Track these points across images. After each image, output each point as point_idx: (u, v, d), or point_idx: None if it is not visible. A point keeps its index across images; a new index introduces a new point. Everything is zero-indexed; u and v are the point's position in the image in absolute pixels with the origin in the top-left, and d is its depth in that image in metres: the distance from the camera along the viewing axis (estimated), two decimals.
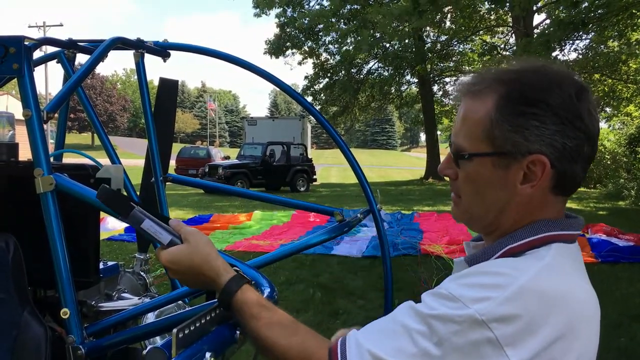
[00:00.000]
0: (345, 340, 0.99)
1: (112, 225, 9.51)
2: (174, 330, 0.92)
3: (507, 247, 1.02)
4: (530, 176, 1.00)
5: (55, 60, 2.17)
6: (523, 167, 1.00)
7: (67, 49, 2.13)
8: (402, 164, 56.33)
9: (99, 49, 1.80)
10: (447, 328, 0.89)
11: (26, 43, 1.46)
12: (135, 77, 2.28)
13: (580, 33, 17.91)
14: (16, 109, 1.45)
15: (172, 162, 23.17)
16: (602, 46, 20.30)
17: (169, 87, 2.39)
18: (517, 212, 1.03)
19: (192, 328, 0.97)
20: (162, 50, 2.24)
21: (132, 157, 42.08)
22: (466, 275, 0.97)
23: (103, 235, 8.58)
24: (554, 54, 17.91)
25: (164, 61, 2.29)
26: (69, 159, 2.63)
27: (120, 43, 1.97)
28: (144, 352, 0.93)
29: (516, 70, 1.04)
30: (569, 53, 20.16)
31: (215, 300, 1.11)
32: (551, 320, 0.89)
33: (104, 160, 2.23)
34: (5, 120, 1.69)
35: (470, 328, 0.88)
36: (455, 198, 1.11)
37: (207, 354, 0.95)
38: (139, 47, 2.15)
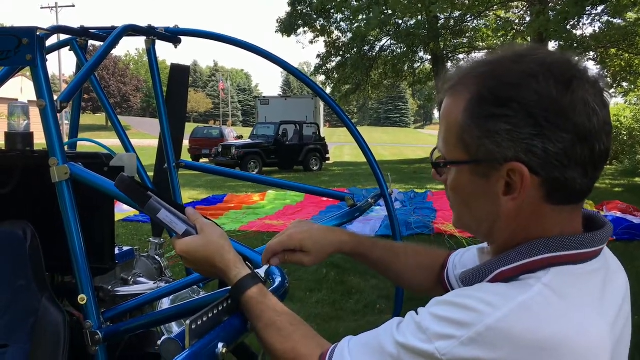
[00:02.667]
0: (334, 349, 0.96)
1: (127, 207, 9.59)
2: (187, 322, 0.94)
3: (498, 270, 0.90)
4: (512, 186, 0.87)
5: (68, 47, 2.19)
6: (503, 176, 0.87)
7: (79, 37, 2.15)
8: (416, 142, 56.10)
9: (110, 38, 1.81)
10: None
11: (39, 33, 1.47)
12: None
13: (597, 7, 17.55)
14: (30, 90, 1.48)
15: (186, 142, 23.26)
16: (618, 19, 19.90)
17: (180, 73, 2.41)
18: (508, 227, 0.91)
19: (204, 319, 1.00)
20: (173, 36, 2.24)
21: (146, 137, 42.39)
22: (442, 303, 0.87)
23: (119, 216, 8.68)
24: (568, 27, 17.62)
25: (175, 47, 2.29)
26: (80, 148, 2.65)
27: (131, 30, 1.99)
28: (159, 342, 0.96)
29: (492, 61, 0.91)
30: (585, 28, 19.75)
31: (229, 287, 1.14)
32: None
33: (116, 142, 2.26)
34: (20, 110, 1.71)
35: None
36: (450, 205, 1.01)
37: (220, 344, 0.98)
38: (150, 33, 2.16)
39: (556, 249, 0.87)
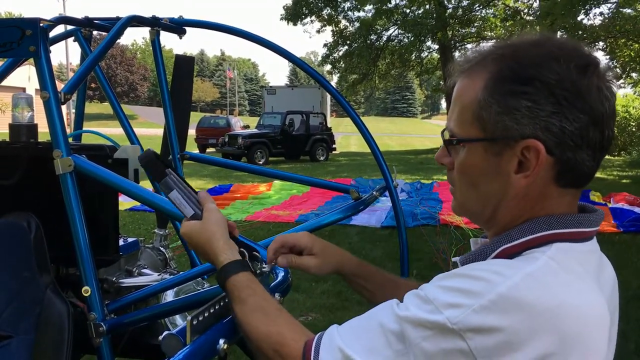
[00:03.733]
0: (321, 336, 0.95)
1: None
2: (189, 318, 0.94)
3: (502, 247, 0.92)
4: (525, 164, 0.89)
5: (72, 38, 2.18)
6: (517, 154, 0.89)
7: (83, 28, 2.14)
8: (423, 132, 55.95)
9: (114, 29, 1.80)
10: (417, 333, 0.84)
11: (42, 24, 1.47)
12: None
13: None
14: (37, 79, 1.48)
15: (192, 132, 23.28)
16: (628, 9, 19.70)
17: (185, 64, 2.40)
18: (514, 206, 0.92)
19: (206, 314, 1.00)
20: (178, 27, 2.23)
21: (153, 127, 42.43)
22: (449, 276, 0.88)
23: (125, 205, 8.72)
24: (578, 18, 17.46)
25: (180, 38, 2.29)
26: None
27: (135, 21, 1.98)
28: (160, 337, 0.96)
29: (512, 44, 0.93)
30: (594, 17, 19.52)
31: None
32: (536, 337, 0.79)
33: (123, 132, 2.26)
34: (24, 102, 1.71)
35: (442, 335, 0.82)
36: (452, 190, 1.01)
37: (221, 340, 0.98)
38: (155, 24, 2.15)
39: (557, 226, 0.90)
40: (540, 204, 0.92)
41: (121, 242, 1.93)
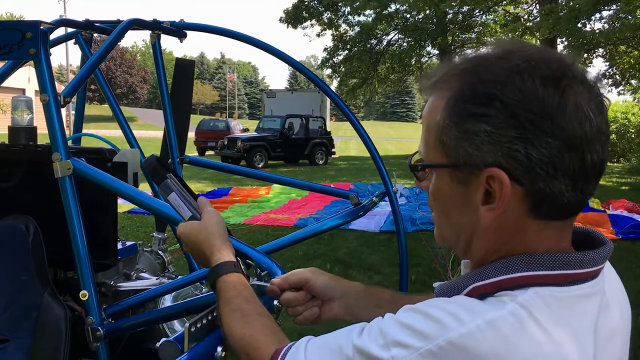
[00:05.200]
0: (290, 346, 0.91)
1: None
2: (187, 325, 0.94)
3: (473, 285, 0.81)
4: (492, 194, 0.79)
5: (73, 41, 2.18)
6: (482, 183, 0.79)
7: (84, 30, 2.14)
8: None
9: (114, 32, 1.80)
10: None
11: (42, 27, 1.46)
12: None
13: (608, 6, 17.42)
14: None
15: (191, 135, 23.26)
16: (629, 16, 19.76)
17: (185, 68, 2.40)
18: (488, 240, 0.82)
19: (204, 322, 0.99)
20: (178, 30, 2.23)
21: (152, 129, 42.40)
22: (410, 310, 0.80)
23: (123, 208, 8.70)
24: (579, 26, 17.50)
25: (181, 41, 2.28)
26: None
27: (136, 24, 1.98)
28: (158, 344, 0.95)
29: (478, 57, 0.83)
30: (594, 23, 19.45)
31: None
32: None
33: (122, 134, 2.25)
34: (24, 104, 1.71)
35: None
36: (432, 217, 0.92)
37: (219, 348, 0.98)
38: (155, 28, 2.14)
39: (537, 267, 0.78)
40: (518, 239, 0.81)
41: (119, 246, 1.92)
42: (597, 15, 19.09)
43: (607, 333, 0.82)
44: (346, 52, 28.40)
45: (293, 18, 27.06)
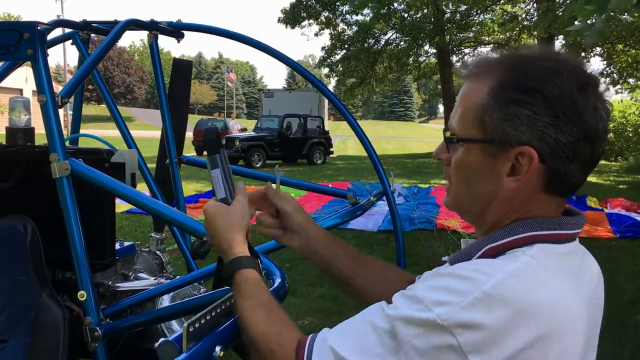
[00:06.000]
0: (314, 337, 0.97)
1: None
2: (185, 324, 0.94)
3: (486, 247, 0.97)
4: (517, 169, 0.94)
5: (70, 41, 2.18)
6: (511, 159, 0.94)
7: (81, 31, 2.14)
8: (420, 136, 56.01)
9: (112, 33, 1.80)
10: (409, 330, 0.87)
11: (39, 28, 1.47)
12: None
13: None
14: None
15: (189, 134, 23.25)
16: (625, 15, 19.77)
17: (183, 68, 2.40)
18: (503, 207, 0.98)
19: (202, 321, 0.99)
20: (176, 31, 2.23)
21: (149, 129, 42.39)
22: (437, 276, 0.94)
23: (121, 208, 8.70)
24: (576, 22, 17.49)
25: (178, 42, 2.28)
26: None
27: (133, 25, 1.98)
28: (156, 344, 0.95)
29: (520, 55, 1.00)
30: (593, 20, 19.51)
31: (226, 288, 1.14)
32: (518, 331, 0.84)
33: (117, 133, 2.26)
34: (21, 105, 1.71)
35: (432, 332, 0.85)
36: (447, 185, 1.06)
37: (217, 348, 0.98)
38: (153, 28, 2.14)
39: (539, 227, 0.95)
40: (527, 207, 0.97)
41: (117, 246, 1.92)
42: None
43: (591, 285, 1.00)
44: (344, 51, 28.39)
45: (291, 18, 27.04)
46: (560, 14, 15.53)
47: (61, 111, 1.53)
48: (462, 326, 0.84)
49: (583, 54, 18.62)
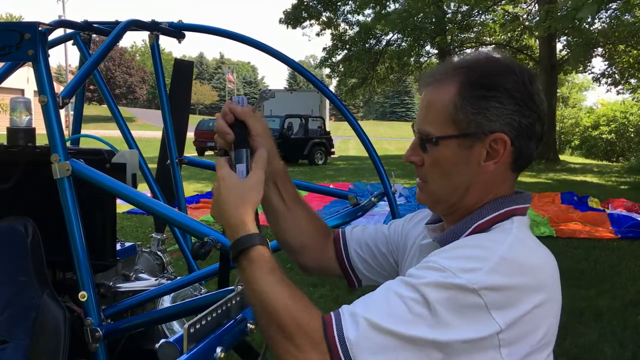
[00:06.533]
0: (338, 312, 1.01)
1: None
2: (186, 325, 0.94)
3: (476, 224, 1.11)
4: (492, 154, 1.09)
5: (71, 42, 2.18)
6: (486, 146, 1.09)
7: (82, 31, 2.14)
8: None
9: (113, 33, 1.80)
10: (439, 294, 0.95)
11: (41, 28, 1.46)
12: None
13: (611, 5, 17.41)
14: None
15: (191, 135, 23.24)
16: (627, 15, 19.77)
17: (184, 69, 2.40)
18: (480, 189, 1.12)
19: (203, 322, 0.99)
20: (177, 31, 2.23)
21: (151, 129, 42.38)
22: (447, 250, 1.05)
23: (122, 208, 8.70)
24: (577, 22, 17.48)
25: (179, 42, 2.28)
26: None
27: (134, 25, 1.98)
28: (157, 345, 0.95)
29: (470, 59, 1.15)
30: (593, 23, 19.49)
31: (228, 288, 1.13)
32: (532, 288, 0.99)
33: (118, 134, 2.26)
34: (22, 106, 1.71)
35: (462, 294, 0.95)
36: (421, 183, 1.19)
37: (218, 349, 0.98)
38: (154, 28, 2.14)
39: (515, 202, 1.13)
40: (498, 187, 1.13)
41: (118, 247, 1.92)
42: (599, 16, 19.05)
43: None
44: (345, 51, 28.37)
45: (292, 19, 27.01)
46: (563, 13, 15.53)
47: (62, 111, 1.52)
48: (489, 288, 0.95)
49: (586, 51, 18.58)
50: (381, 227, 1.46)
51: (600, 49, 21.30)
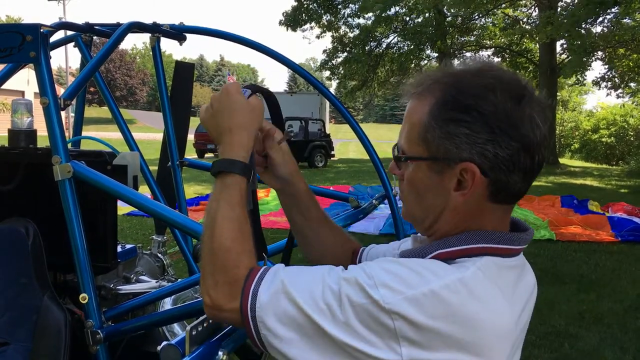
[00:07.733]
0: (268, 267, 0.98)
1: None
2: (188, 328, 0.94)
3: (437, 251, 1.00)
4: (463, 183, 0.97)
5: (72, 44, 2.18)
6: (456, 174, 0.97)
7: (83, 33, 2.14)
8: None
9: (114, 35, 1.80)
10: (355, 297, 0.89)
11: (42, 30, 1.47)
12: None
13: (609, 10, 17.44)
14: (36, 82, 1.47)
15: (191, 137, 23.24)
16: (627, 19, 19.79)
17: (184, 71, 2.40)
18: (453, 218, 1.01)
19: (205, 325, 0.99)
20: (178, 33, 2.23)
21: (151, 131, 42.36)
22: (391, 262, 0.96)
23: (123, 210, 8.70)
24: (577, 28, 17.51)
25: (180, 44, 2.28)
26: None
27: (136, 27, 1.98)
28: (159, 347, 0.95)
29: (456, 72, 1.02)
30: (594, 27, 19.51)
31: None
32: (461, 344, 0.88)
33: (122, 136, 2.26)
34: (24, 107, 1.71)
35: (375, 308, 0.88)
36: (402, 198, 1.10)
37: (220, 352, 0.97)
38: (155, 31, 2.15)
39: (491, 240, 0.99)
40: (475, 218, 1.01)
41: (119, 249, 1.92)
42: (595, 17, 19.07)
43: (524, 297, 1.05)
44: (345, 54, 28.39)
45: (292, 21, 27.04)
46: (564, 20, 15.55)
47: (63, 113, 1.53)
48: (402, 317, 0.86)
49: (585, 58, 18.59)
50: (396, 243, 1.41)
51: (600, 53, 21.31)
